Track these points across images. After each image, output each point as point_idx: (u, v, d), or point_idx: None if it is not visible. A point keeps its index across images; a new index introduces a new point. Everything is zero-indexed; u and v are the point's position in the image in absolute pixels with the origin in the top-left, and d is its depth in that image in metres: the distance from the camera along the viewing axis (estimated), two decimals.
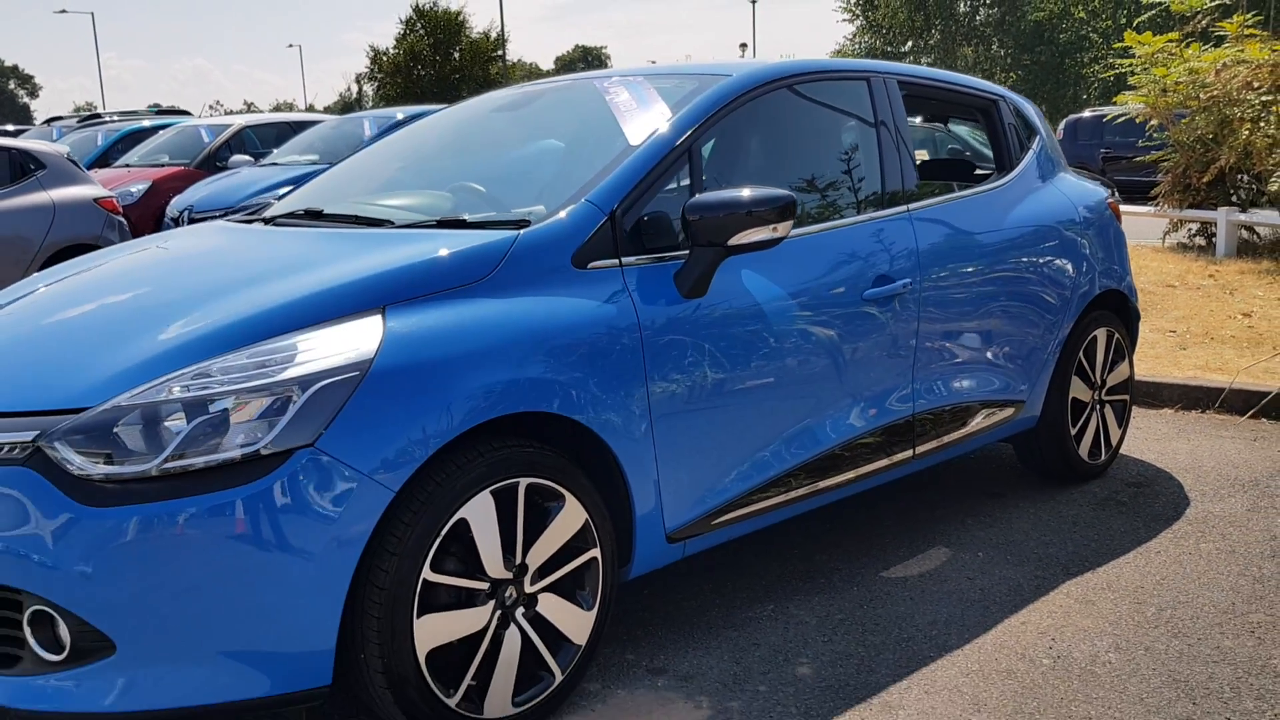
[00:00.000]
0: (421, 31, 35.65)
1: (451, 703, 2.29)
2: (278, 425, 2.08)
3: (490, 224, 2.69)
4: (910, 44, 30.34)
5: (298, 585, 2.10)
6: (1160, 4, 9.90)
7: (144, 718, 2.09)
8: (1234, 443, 4.55)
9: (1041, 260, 3.83)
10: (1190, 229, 10.03)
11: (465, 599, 2.31)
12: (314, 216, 3.11)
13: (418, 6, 36.18)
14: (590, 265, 2.59)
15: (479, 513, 2.30)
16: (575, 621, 2.50)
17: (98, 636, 2.05)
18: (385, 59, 36.70)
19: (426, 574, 2.23)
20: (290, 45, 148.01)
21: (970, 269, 3.54)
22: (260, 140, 13.18)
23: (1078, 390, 4.01)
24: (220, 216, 9.43)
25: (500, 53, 38.49)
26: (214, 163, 12.21)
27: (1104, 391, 4.15)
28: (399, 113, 10.96)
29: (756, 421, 2.87)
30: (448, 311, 2.35)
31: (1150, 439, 4.61)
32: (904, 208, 3.41)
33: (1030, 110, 4.28)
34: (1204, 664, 2.69)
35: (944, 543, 3.55)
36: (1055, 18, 28.85)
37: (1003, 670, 2.69)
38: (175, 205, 10.08)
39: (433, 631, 2.25)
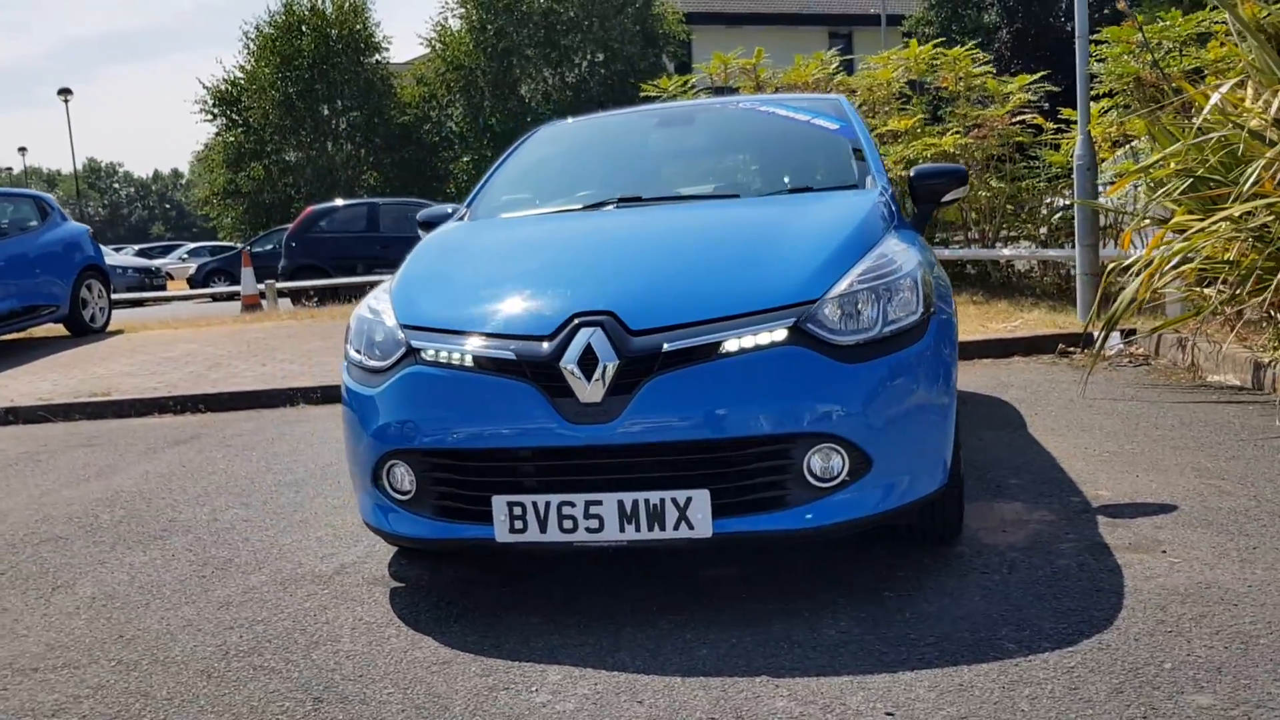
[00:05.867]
0: None
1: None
2: (919, 303, 3.02)
3: (826, 188, 3.72)
4: (277, 141, 31.15)
5: (949, 405, 3.04)
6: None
7: (883, 517, 2.88)
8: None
9: None
10: None
11: None
12: (631, 200, 3.79)
13: None
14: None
15: None
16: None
17: (863, 458, 2.81)
18: None
19: None
20: None
21: None
22: None
23: None
24: None
25: None
26: None
27: None
28: None
29: None
30: (905, 237, 3.40)
31: None
32: None
33: None
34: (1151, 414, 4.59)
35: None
36: (419, 120, 31.78)
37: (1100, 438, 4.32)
38: None
39: None
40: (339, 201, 18.01)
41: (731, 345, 2.78)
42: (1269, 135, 5.26)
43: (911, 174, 3.97)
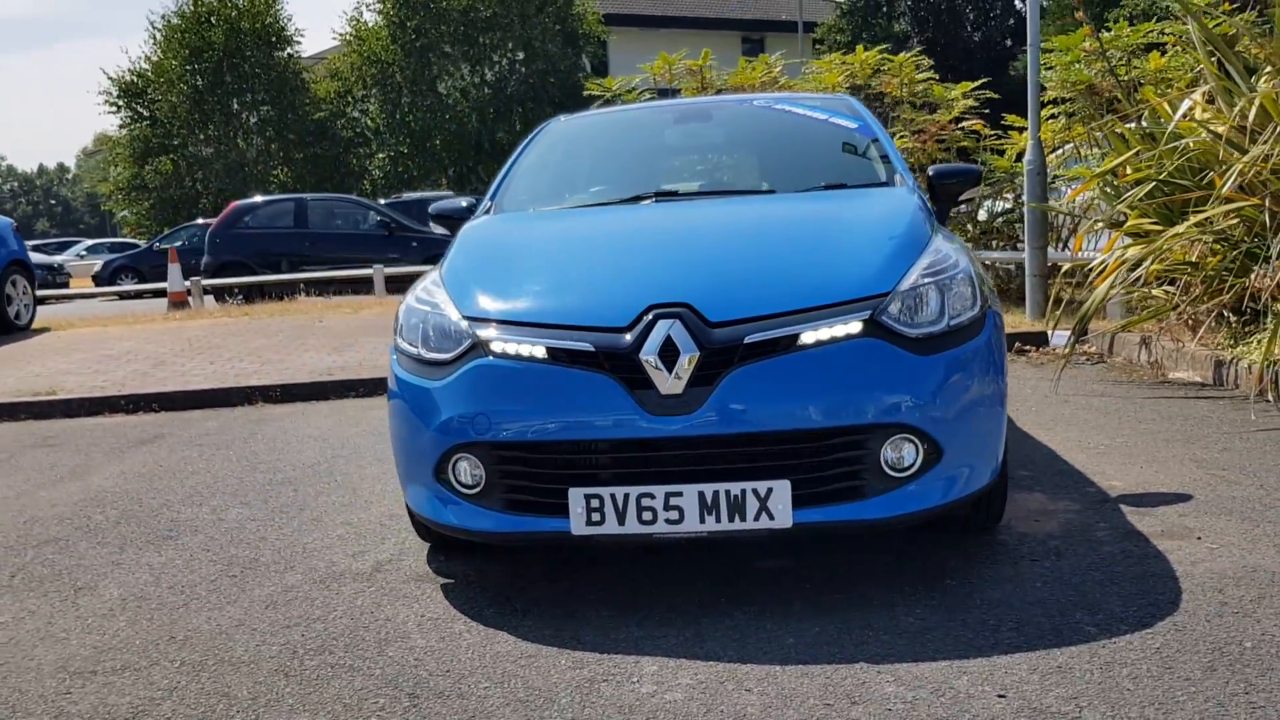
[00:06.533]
0: None
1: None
2: (977, 298, 3.08)
3: (853, 185, 3.78)
4: (185, 135, 30.31)
5: (1003, 397, 3.11)
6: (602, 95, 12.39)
7: (948, 508, 2.94)
8: None
9: None
10: None
11: None
12: (667, 195, 3.80)
13: None
14: None
15: None
16: None
17: (935, 449, 2.86)
18: None
19: None
20: None
21: None
22: None
23: None
24: None
25: None
26: None
27: None
28: None
29: None
30: (946, 234, 3.47)
31: None
32: None
33: None
34: (1127, 409, 4.77)
35: None
36: (334, 115, 31.18)
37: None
38: None
39: None
40: (260, 198, 17.60)
41: (808, 337, 2.81)
42: (1244, 142, 5.50)
43: (931, 173, 4.05)
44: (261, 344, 9.26)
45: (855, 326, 2.83)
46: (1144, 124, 7.34)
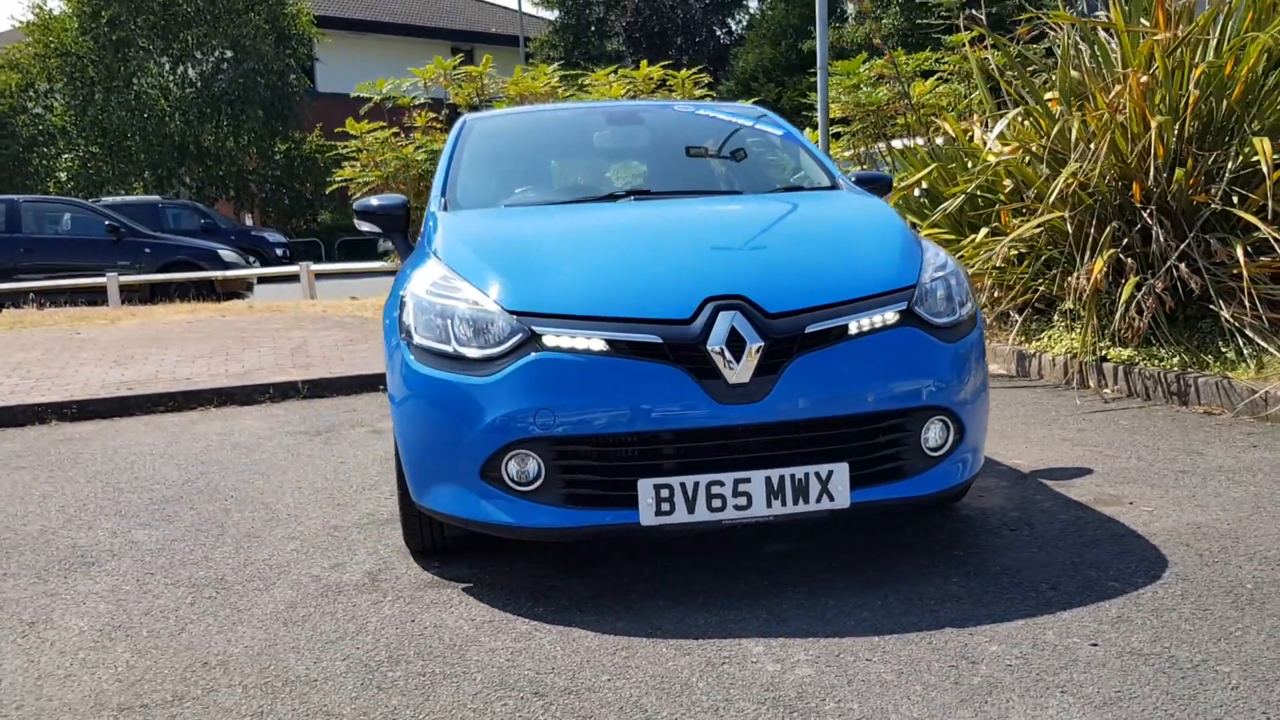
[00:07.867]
0: None
1: None
2: (969, 293, 3.36)
3: (810, 188, 3.99)
4: None
5: (988, 386, 3.40)
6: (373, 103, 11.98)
7: (963, 487, 3.19)
8: None
9: None
10: None
11: None
12: (640, 194, 3.83)
13: None
14: None
15: None
16: None
17: (960, 430, 3.10)
18: None
19: None
20: None
21: None
22: None
23: None
24: None
25: None
26: None
27: None
28: None
29: None
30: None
31: None
32: None
33: None
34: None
35: None
36: (14, 112, 28.16)
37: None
38: None
39: None
40: None
41: (855, 326, 2.97)
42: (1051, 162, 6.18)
43: (853, 179, 4.32)
44: (23, 358, 8.34)
45: (893, 316, 3.02)
46: (927, 143, 8.08)
